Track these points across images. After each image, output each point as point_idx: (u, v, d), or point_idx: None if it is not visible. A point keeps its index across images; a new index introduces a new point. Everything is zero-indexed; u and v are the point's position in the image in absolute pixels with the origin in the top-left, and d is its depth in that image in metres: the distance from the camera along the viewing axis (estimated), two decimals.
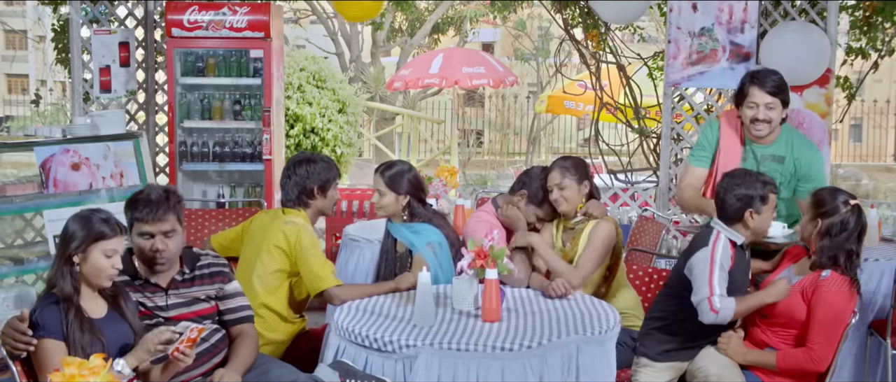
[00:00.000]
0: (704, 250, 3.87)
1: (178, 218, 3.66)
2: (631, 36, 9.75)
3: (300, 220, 4.37)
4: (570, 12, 8.54)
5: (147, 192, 3.65)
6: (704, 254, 3.86)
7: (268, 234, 4.35)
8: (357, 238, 5.56)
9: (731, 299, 3.79)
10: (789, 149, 4.47)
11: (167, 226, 3.61)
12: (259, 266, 4.32)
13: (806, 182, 4.44)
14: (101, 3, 7.20)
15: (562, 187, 4.39)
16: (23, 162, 5.26)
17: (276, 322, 4.33)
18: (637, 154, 8.47)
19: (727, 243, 3.90)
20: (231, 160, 7.31)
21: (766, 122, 4.38)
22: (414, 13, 20.11)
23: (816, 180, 4.44)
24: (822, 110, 6.58)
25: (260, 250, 4.34)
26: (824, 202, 3.89)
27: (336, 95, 12.09)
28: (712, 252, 3.85)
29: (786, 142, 4.48)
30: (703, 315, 3.80)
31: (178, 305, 3.69)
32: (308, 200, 4.45)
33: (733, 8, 6.59)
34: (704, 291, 3.79)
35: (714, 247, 3.87)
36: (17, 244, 5.42)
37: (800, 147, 4.48)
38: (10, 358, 3.25)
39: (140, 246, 3.64)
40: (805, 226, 3.95)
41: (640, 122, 8.30)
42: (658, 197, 7.16)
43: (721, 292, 3.79)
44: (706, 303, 3.77)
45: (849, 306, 3.81)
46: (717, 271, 3.81)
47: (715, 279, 3.80)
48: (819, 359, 3.77)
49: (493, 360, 3.38)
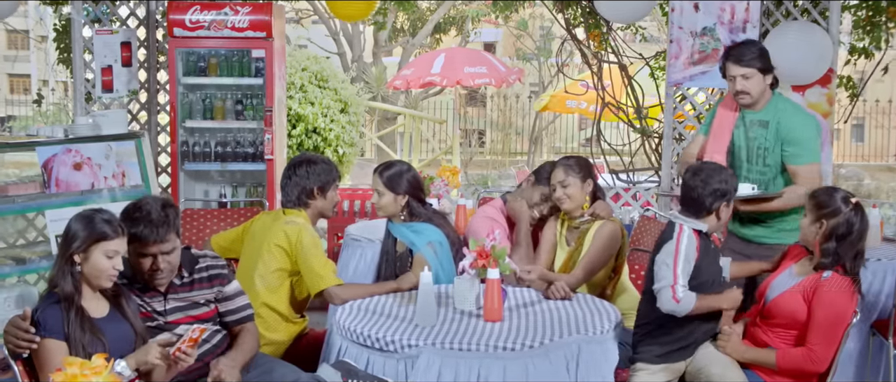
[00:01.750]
0: (670, 243, 3.90)
1: (177, 233, 3.61)
2: (633, 36, 9.75)
3: (301, 220, 4.38)
4: (571, 12, 8.54)
5: (146, 209, 3.54)
6: (670, 247, 3.89)
7: (269, 234, 4.36)
8: (358, 237, 5.58)
9: (693, 294, 3.81)
10: (774, 113, 4.61)
11: (168, 246, 3.56)
12: (260, 265, 4.32)
13: (788, 145, 4.55)
14: (102, 2, 7.20)
15: (565, 185, 4.40)
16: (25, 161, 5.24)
17: (276, 321, 4.33)
18: (639, 154, 8.47)
19: (692, 234, 3.91)
20: (233, 160, 7.31)
21: (745, 93, 4.58)
22: (415, 13, 20.10)
23: (798, 144, 4.54)
24: (824, 110, 6.57)
25: (261, 249, 4.34)
26: (825, 203, 3.88)
27: (338, 95, 12.09)
28: (677, 243, 3.87)
29: (773, 107, 4.63)
30: (662, 302, 3.81)
31: (177, 309, 3.69)
32: (308, 201, 4.45)
33: (735, 8, 6.59)
34: (668, 278, 3.81)
35: (678, 239, 3.89)
36: (19, 244, 5.40)
37: (784, 111, 4.62)
38: (13, 358, 3.26)
39: (139, 264, 3.58)
40: (807, 228, 3.93)
41: (642, 122, 8.30)
42: (660, 197, 7.16)
43: (684, 282, 3.81)
44: (669, 290, 3.79)
45: (850, 307, 3.80)
46: (682, 262, 3.83)
47: (679, 269, 3.82)
48: (818, 360, 3.77)
49: (495, 360, 3.39)
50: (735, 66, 4.56)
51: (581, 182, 4.42)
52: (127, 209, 3.59)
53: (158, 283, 3.63)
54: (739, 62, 4.55)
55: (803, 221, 3.96)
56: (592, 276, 4.36)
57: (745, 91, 4.57)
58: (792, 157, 4.55)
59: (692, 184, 4.00)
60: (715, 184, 3.97)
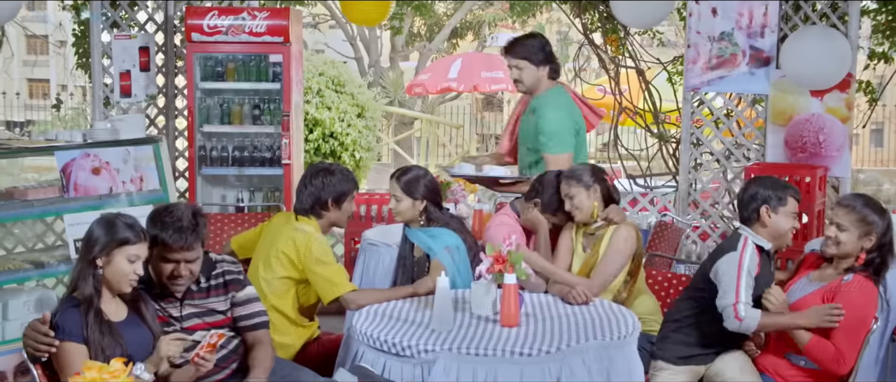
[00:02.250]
0: (733, 254, 3.87)
1: (202, 243, 3.62)
2: (650, 40, 9.73)
3: (310, 229, 4.36)
4: (589, 17, 8.52)
5: (177, 215, 3.53)
6: (732, 258, 3.86)
7: (278, 238, 4.36)
8: (375, 242, 5.58)
9: (757, 311, 3.79)
10: (539, 104, 5.16)
11: (192, 255, 3.56)
12: (267, 270, 4.33)
13: (541, 134, 5.09)
14: (121, 8, 7.24)
15: (570, 197, 4.40)
16: (44, 166, 5.26)
17: (285, 324, 4.33)
18: (656, 159, 8.44)
19: (754, 249, 3.90)
20: (250, 164, 7.33)
21: (517, 81, 5.20)
22: (432, 18, 20.16)
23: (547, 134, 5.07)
24: (843, 115, 6.54)
25: (269, 254, 4.34)
26: (874, 219, 3.86)
27: (355, 100, 12.13)
28: (741, 257, 3.85)
29: (543, 98, 5.18)
30: (727, 320, 3.81)
31: (193, 315, 3.70)
32: (321, 211, 4.44)
33: (753, 12, 6.57)
34: (730, 297, 3.79)
35: (742, 253, 3.87)
36: (37, 248, 5.45)
37: (546, 104, 5.14)
38: (32, 361, 3.28)
39: (159, 268, 3.58)
40: (853, 244, 3.86)
41: (660, 127, 8.28)
42: (677, 202, 7.14)
43: (747, 300, 3.79)
44: (731, 309, 3.78)
45: (871, 308, 3.80)
46: (744, 277, 3.81)
47: (741, 285, 3.80)
48: (844, 360, 3.76)
49: (512, 365, 3.39)
50: (507, 57, 5.21)
51: (585, 190, 4.39)
52: (157, 211, 3.59)
53: (176, 290, 3.63)
54: (509, 53, 5.20)
55: (844, 236, 3.88)
56: (611, 281, 4.35)
57: (517, 79, 5.18)
58: (542, 145, 5.07)
59: (739, 194, 4.08)
60: (752, 189, 4.01)
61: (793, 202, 3.97)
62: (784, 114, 6.67)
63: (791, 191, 4.00)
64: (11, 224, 5.30)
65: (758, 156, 6.89)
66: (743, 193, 4.05)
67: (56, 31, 18.43)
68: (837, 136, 6.52)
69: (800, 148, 6.61)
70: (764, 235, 3.96)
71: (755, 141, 6.95)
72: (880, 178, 16.37)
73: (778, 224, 3.95)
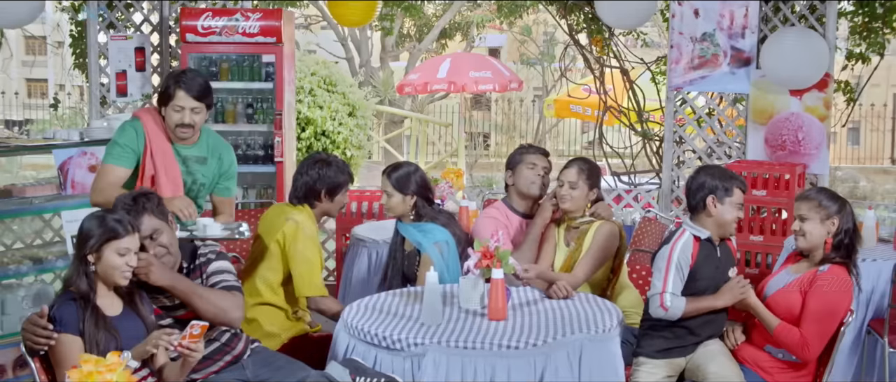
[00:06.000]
0: (665, 247, 4.00)
1: (160, 217, 3.67)
2: (634, 41, 9.82)
3: (302, 217, 4.43)
4: (574, 18, 8.60)
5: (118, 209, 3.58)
6: (664, 251, 3.98)
7: (271, 229, 4.44)
8: (365, 238, 5.62)
9: (682, 299, 3.91)
10: (210, 149, 4.52)
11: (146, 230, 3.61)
12: (263, 265, 4.43)
13: (227, 179, 4.59)
14: (117, 9, 7.32)
15: (574, 186, 4.44)
16: (42, 164, 5.32)
17: (274, 314, 4.42)
18: (640, 156, 8.54)
19: (689, 240, 3.99)
20: (243, 162, 7.32)
21: (190, 127, 4.35)
22: (422, 19, 20.19)
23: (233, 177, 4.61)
24: (821, 114, 6.66)
25: (264, 249, 4.44)
26: (832, 203, 3.97)
27: (346, 99, 12.19)
28: (671, 249, 3.97)
29: (205, 143, 4.51)
30: (653, 309, 3.94)
31: (183, 304, 3.73)
32: (314, 201, 4.52)
33: (734, 13, 6.68)
34: (658, 286, 3.93)
35: (674, 245, 3.98)
36: (35, 244, 5.47)
37: (217, 146, 4.55)
38: (30, 354, 3.31)
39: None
40: (816, 231, 3.96)
41: (644, 126, 8.38)
42: (661, 199, 7.24)
43: (673, 290, 3.91)
44: (657, 298, 3.91)
45: (844, 300, 3.86)
46: (673, 269, 3.93)
47: (670, 276, 3.92)
48: (808, 347, 3.85)
49: (500, 358, 3.44)
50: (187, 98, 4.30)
51: (588, 189, 4.46)
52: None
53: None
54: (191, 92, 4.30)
55: (808, 226, 3.98)
56: (592, 275, 4.40)
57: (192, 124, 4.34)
58: (226, 190, 4.59)
59: (686, 183, 4.12)
60: (700, 178, 4.06)
61: (739, 193, 4.04)
62: (764, 112, 6.78)
63: (737, 182, 4.06)
64: (10, 220, 5.34)
65: (739, 153, 6.99)
66: (691, 182, 4.09)
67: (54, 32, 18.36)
68: (816, 135, 6.63)
69: (779, 146, 6.72)
70: (708, 224, 4.03)
71: (736, 139, 7.05)
72: (857, 175, 16.54)
73: (723, 214, 4.02)
